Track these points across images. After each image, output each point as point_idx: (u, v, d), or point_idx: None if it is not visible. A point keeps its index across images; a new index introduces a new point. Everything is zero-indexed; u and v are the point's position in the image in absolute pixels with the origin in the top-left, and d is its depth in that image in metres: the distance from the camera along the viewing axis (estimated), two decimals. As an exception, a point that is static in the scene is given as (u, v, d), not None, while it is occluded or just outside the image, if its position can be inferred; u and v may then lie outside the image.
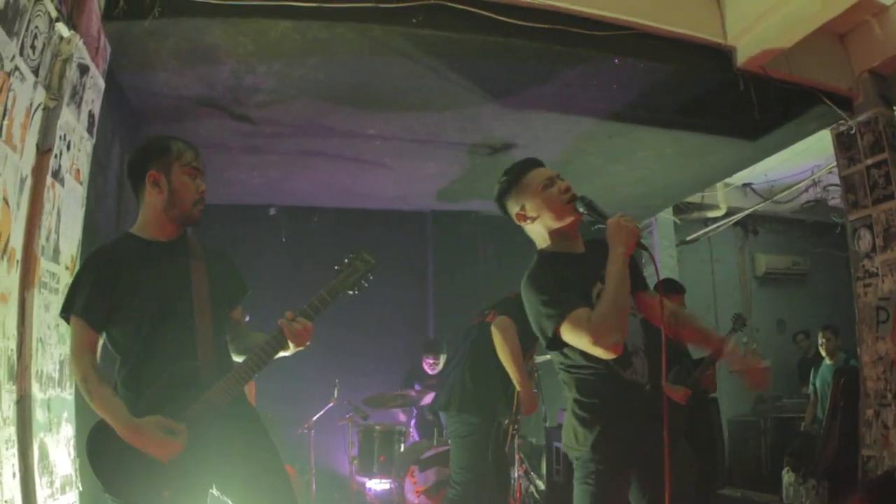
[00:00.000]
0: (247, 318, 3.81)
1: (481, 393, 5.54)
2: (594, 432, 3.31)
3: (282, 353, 3.27)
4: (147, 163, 3.23)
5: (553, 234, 3.44)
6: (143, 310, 3.12)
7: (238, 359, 3.34)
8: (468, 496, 4.88)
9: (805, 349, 10.85)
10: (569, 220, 3.37)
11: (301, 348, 3.25)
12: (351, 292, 3.33)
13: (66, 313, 3.19)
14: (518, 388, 5.34)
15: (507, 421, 5.55)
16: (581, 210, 3.30)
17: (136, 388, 3.10)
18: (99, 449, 3.05)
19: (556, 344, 3.23)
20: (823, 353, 8.82)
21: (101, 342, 3.19)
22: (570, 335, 3.13)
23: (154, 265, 3.19)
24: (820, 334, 8.92)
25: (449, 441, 5.40)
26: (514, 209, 3.50)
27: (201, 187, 3.28)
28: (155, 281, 3.16)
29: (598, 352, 3.07)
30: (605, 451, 3.29)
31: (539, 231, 3.48)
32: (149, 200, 3.24)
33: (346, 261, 3.35)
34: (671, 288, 6.89)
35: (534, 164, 3.55)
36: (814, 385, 8.93)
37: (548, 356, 8.45)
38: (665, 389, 6.37)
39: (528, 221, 3.46)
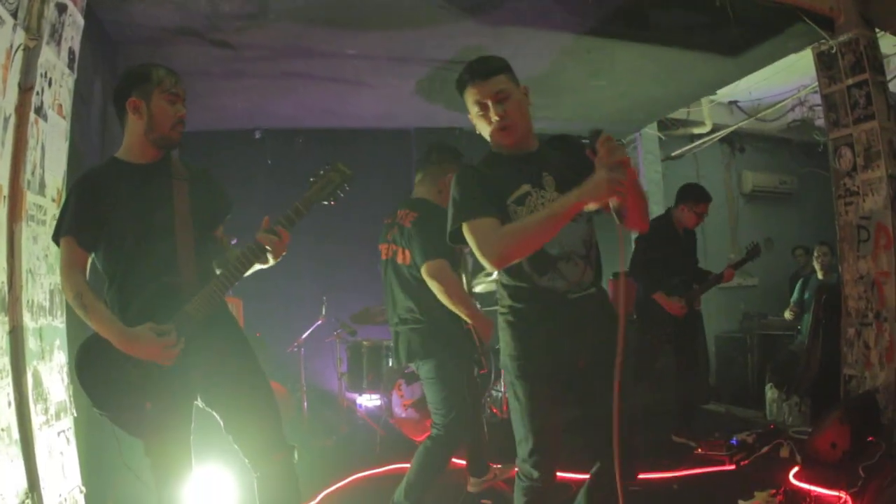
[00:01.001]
0: (233, 241, 3.92)
1: (439, 338, 4.91)
2: (512, 341, 3.32)
3: (260, 266, 3.38)
4: (128, 90, 3.36)
5: (493, 142, 3.38)
6: (126, 228, 3.26)
7: None
8: (451, 434, 4.85)
9: (802, 264, 10.91)
10: (504, 144, 3.30)
11: (277, 260, 3.36)
12: (326, 203, 3.41)
13: (55, 236, 3.34)
14: (470, 321, 4.89)
15: (475, 357, 5.26)
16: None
17: (122, 305, 3.26)
18: (86, 365, 3.21)
19: (455, 238, 3.22)
20: (818, 268, 8.88)
21: (89, 262, 3.32)
22: (468, 237, 3.12)
23: (136, 186, 3.33)
24: (816, 249, 8.97)
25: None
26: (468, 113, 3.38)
27: (180, 111, 3.41)
28: (137, 200, 3.30)
29: (483, 261, 3.06)
30: (521, 362, 3.28)
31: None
32: (130, 126, 3.38)
33: (322, 172, 3.43)
34: (693, 196, 7.02)
35: (470, 80, 3.25)
36: (801, 299, 9.01)
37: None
38: (659, 300, 6.54)
39: (477, 129, 3.38)
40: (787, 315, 9.18)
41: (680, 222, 6.99)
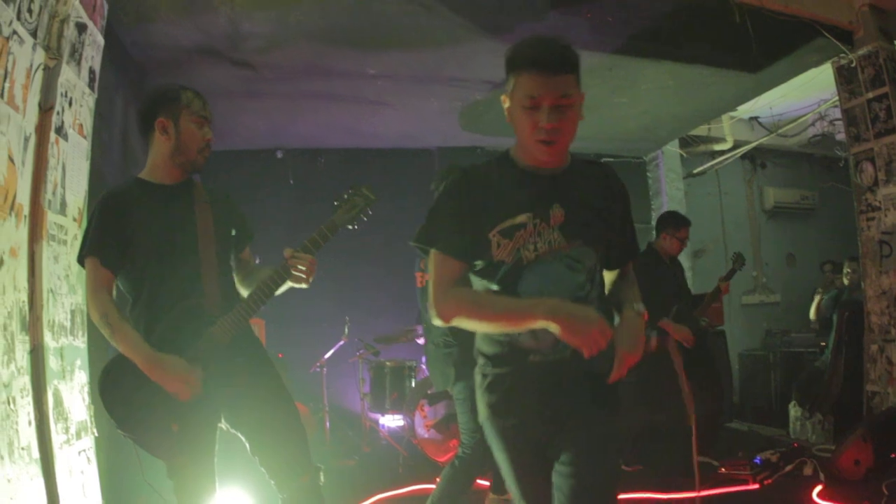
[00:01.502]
0: (257, 261, 3.92)
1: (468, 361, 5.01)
2: (487, 406, 2.79)
3: (289, 285, 3.36)
4: (157, 109, 3.34)
5: (520, 145, 2.73)
6: (150, 248, 3.23)
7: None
8: (477, 455, 4.83)
9: (830, 280, 10.70)
10: (542, 160, 2.64)
11: (309, 283, 3.33)
12: (350, 227, 3.40)
13: (80, 256, 3.31)
14: None
15: None
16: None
17: (147, 326, 3.21)
18: (110, 386, 3.17)
19: (420, 248, 2.71)
20: (846, 284, 8.78)
21: (114, 282, 3.28)
22: (429, 264, 2.66)
23: (160, 206, 3.31)
24: (846, 265, 8.85)
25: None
26: (505, 92, 2.71)
27: (208, 136, 3.39)
28: (161, 221, 3.28)
29: (430, 306, 2.64)
30: (498, 427, 2.77)
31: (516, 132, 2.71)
32: (157, 146, 3.36)
33: (345, 196, 3.41)
34: (673, 222, 6.95)
35: (533, 66, 2.54)
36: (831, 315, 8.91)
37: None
38: (667, 328, 6.47)
39: (507, 117, 2.70)
40: (812, 314, 9.10)
41: (664, 251, 6.92)
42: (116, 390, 3.16)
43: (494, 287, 2.64)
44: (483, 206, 2.61)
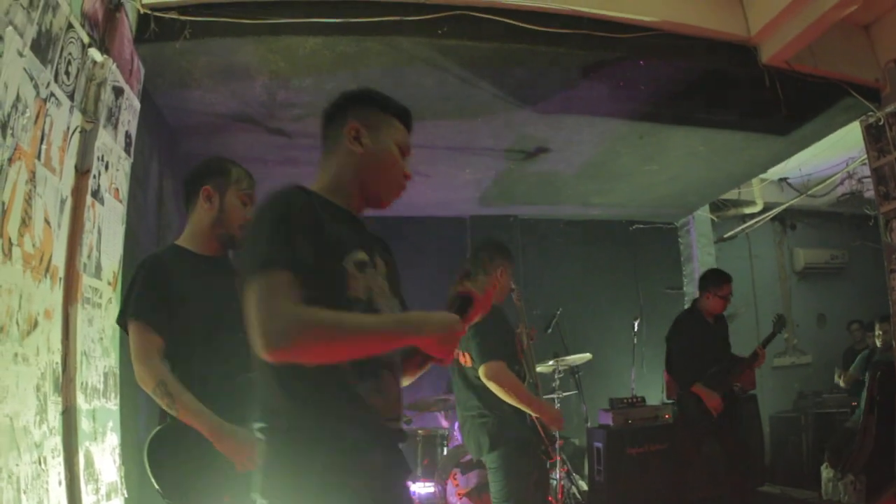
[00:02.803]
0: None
1: (504, 430, 4.80)
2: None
3: None
4: (204, 178, 3.38)
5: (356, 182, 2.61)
6: (196, 319, 3.20)
7: None
8: None
9: (858, 339, 10.59)
10: (390, 199, 2.71)
11: None
12: None
13: (122, 319, 3.28)
14: (535, 414, 4.78)
15: (542, 449, 5.19)
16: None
17: (199, 398, 3.14)
18: (160, 457, 3.13)
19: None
20: (879, 345, 8.67)
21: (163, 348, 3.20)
22: (248, 294, 2.12)
23: (203, 277, 3.30)
24: (877, 326, 8.74)
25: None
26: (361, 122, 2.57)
27: (249, 214, 3.37)
28: (205, 292, 3.25)
29: (254, 336, 2.07)
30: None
31: None
32: (199, 214, 3.37)
33: None
34: (714, 280, 6.96)
35: (406, 116, 2.70)
36: (860, 372, 8.80)
37: (588, 355, 8.49)
38: (699, 392, 6.44)
39: (357, 148, 2.54)
40: (841, 383, 8.98)
41: (707, 311, 6.92)
42: (167, 461, 3.13)
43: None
44: (330, 231, 2.30)
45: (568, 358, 8.47)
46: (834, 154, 9.53)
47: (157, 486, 3.13)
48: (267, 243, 2.16)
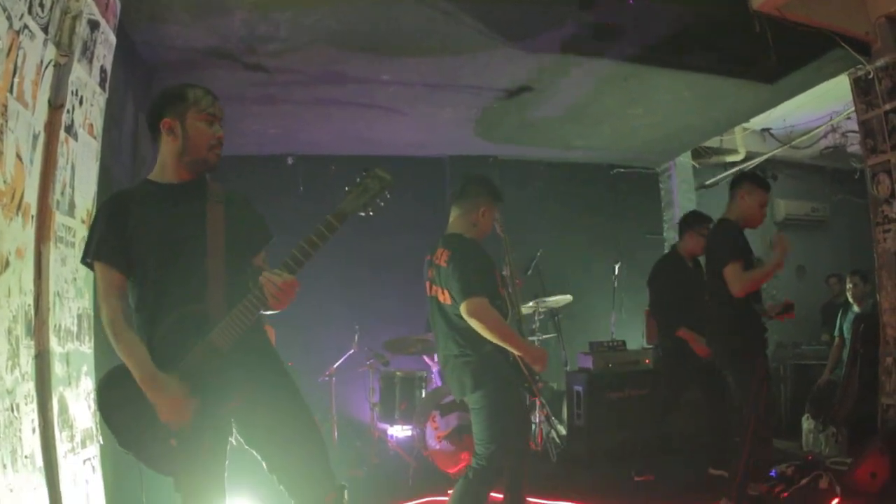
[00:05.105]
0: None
1: (486, 370, 4.71)
2: None
3: None
4: (162, 110, 3.20)
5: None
6: (153, 250, 3.06)
7: None
8: (493, 467, 4.74)
9: (836, 293, 10.59)
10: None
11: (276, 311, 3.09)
12: (363, 213, 3.13)
13: (85, 258, 3.15)
14: (518, 353, 4.65)
15: (525, 385, 5.12)
16: None
17: (148, 332, 3.04)
18: (108, 399, 3.02)
19: None
20: (850, 299, 8.66)
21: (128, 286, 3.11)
22: None
23: (166, 206, 3.14)
24: (847, 279, 8.72)
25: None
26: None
27: (218, 133, 3.23)
28: (166, 220, 3.11)
29: None
30: None
31: None
32: (164, 147, 3.20)
33: (358, 179, 3.15)
34: (697, 220, 6.96)
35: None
36: (841, 329, 8.83)
37: (568, 297, 8.49)
38: (686, 337, 6.45)
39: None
40: (835, 342, 9.02)
41: (688, 252, 6.93)
42: (113, 402, 3.00)
43: None
44: None
45: (548, 300, 8.47)
46: (818, 107, 9.50)
47: (108, 428, 3.02)
48: None
